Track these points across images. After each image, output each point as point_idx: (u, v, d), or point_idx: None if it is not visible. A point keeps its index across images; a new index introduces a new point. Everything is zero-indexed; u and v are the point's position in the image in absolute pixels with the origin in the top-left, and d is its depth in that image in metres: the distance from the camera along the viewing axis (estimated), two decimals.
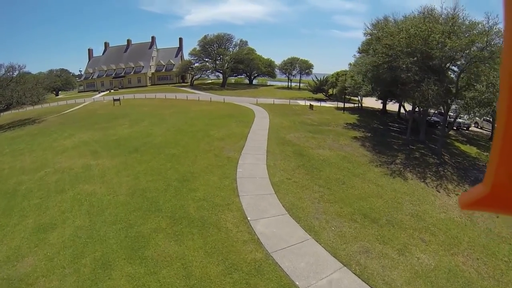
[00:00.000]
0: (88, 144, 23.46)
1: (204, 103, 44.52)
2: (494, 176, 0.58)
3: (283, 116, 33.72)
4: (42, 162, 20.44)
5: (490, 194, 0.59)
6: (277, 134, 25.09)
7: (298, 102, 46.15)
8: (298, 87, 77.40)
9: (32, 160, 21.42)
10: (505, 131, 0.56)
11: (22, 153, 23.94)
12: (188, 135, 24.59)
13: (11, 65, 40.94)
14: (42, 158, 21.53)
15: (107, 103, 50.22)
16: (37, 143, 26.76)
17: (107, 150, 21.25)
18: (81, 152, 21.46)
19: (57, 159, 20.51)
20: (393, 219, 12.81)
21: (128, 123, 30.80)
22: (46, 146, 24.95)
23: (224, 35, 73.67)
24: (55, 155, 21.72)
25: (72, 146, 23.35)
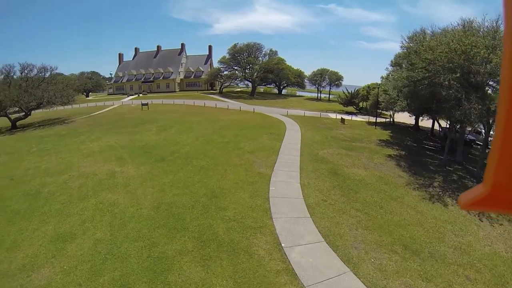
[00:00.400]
0: (114, 149, 23.51)
1: (233, 112, 44.29)
2: (494, 176, 0.60)
3: (315, 130, 32.86)
4: (67, 165, 20.57)
5: (490, 194, 0.61)
6: (309, 150, 24.27)
7: (329, 115, 45.52)
8: (328, 98, 77.12)
9: (57, 162, 21.65)
10: (504, 131, 0.57)
11: (49, 154, 24.39)
12: (217, 146, 24.08)
13: (43, 66, 42.98)
14: (67, 160, 21.72)
15: (135, 107, 51.35)
16: (64, 144, 27.31)
17: (132, 157, 21.09)
18: (107, 157, 21.44)
19: (82, 163, 20.57)
20: (435, 252, 11.70)
21: (155, 129, 30.89)
22: (73, 148, 25.32)
23: (254, 44, 74.48)
24: (80, 158, 21.86)
25: (98, 150, 23.49)
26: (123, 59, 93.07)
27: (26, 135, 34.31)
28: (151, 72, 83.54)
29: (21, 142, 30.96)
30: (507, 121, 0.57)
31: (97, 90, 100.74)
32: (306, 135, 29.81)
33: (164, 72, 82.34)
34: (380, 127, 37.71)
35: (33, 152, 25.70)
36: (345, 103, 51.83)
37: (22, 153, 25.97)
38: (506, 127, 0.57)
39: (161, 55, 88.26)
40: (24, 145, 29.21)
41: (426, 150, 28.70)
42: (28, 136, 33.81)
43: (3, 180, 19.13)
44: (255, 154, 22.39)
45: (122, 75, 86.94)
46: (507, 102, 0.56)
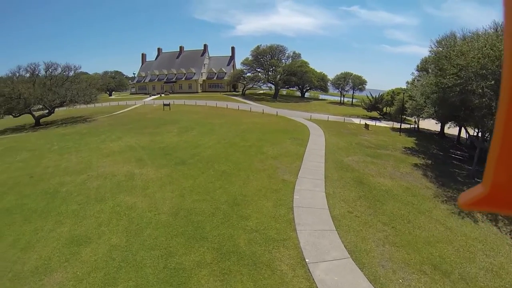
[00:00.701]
0: (134, 150, 23.52)
1: (256, 115, 43.87)
2: (493, 176, 0.61)
3: (339, 136, 32.18)
4: (87, 164, 20.67)
5: (489, 194, 0.62)
6: (334, 157, 23.67)
7: (352, 120, 44.84)
8: (351, 103, 76.73)
9: (77, 161, 21.85)
10: (504, 131, 0.59)
11: (69, 152, 24.73)
12: (239, 150, 23.62)
13: (67, 65, 44.34)
14: (87, 159, 21.87)
15: (157, 107, 51.97)
16: (84, 142, 27.70)
17: (152, 158, 20.95)
18: (126, 158, 21.41)
19: (101, 163, 20.62)
20: (466, 274, 10.96)
21: (176, 131, 30.86)
22: (93, 147, 25.59)
23: (277, 46, 74.54)
24: (100, 158, 21.96)
25: (118, 150, 23.56)
26: (146, 59, 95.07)
27: (48, 133, 35.23)
28: (174, 72, 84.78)
29: (43, 139, 31.73)
30: (506, 121, 0.58)
31: (120, 89, 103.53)
32: (330, 140, 29.29)
33: (187, 73, 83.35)
34: (404, 133, 37.17)
35: (54, 150, 26.17)
36: (369, 108, 51.80)
37: (43, 150, 26.52)
38: (506, 127, 0.58)
39: (184, 55, 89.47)
40: (45, 142, 29.89)
41: (453, 160, 28.01)
42: (50, 133, 34.70)
43: (22, 178, 19.43)
44: (279, 159, 21.81)
45: (145, 75, 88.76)
46: (506, 102, 0.57)
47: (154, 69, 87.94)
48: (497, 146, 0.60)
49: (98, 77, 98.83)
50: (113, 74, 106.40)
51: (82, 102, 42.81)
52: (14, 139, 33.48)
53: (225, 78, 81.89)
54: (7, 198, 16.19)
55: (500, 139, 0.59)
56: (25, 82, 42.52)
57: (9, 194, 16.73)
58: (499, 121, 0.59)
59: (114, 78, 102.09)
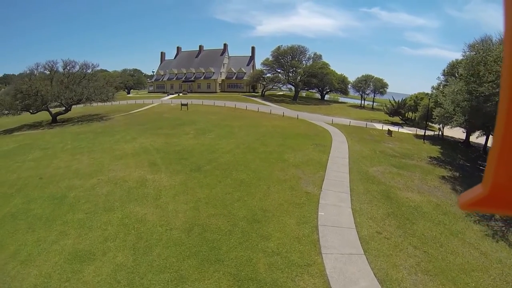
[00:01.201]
0: (148, 152, 22.67)
1: (276, 118, 42.55)
2: (493, 177, 0.61)
3: (362, 143, 30.69)
4: (98, 167, 19.92)
5: (489, 194, 0.62)
6: (358, 166, 22.36)
7: (374, 126, 43.22)
8: (371, 106, 75.31)
9: (89, 162, 21.16)
10: (504, 132, 0.59)
11: (82, 152, 24.17)
12: (259, 156, 22.38)
13: (85, 63, 44.29)
14: (99, 161, 21.15)
15: (174, 106, 51.44)
16: (98, 142, 27.14)
17: (167, 163, 19.97)
18: (139, 161, 20.54)
19: (113, 166, 19.82)
20: None
21: (193, 132, 29.93)
22: (106, 147, 24.94)
23: (298, 47, 73.10)
24: (112, 160, 21.20)
25: (131, 152, 22.77)
26: (165, 58, 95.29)
27: (63, 131, 35.07)
28: (192, 71, 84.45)
29: (57, 137, 31.49)
30: (507, 122, 0.58)
31: (138, 87, 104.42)
32: (353, 148, 27.97)
33: (206, 72, 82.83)
34: (428, 141, 35.60)
35: (66, 150, 25.72)
36: (391, 113, 50.73)
37: (56, 149, 26.12)
38: (506, 128, 0.59)
39: (203, 54, 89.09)
40: (59, 141, 29.59)
41: (481, 172, 26.20)
42: (65, 131, 34.51)
43: (32, 179, 18.87)
44: (301, 168, 20.48)
45: (163, 73, 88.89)
46: (506, 102, 0.58)
47: (173, 68, 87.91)
48: (497, 146, 0.60)
49: (117, 74, 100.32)
50: (132, 72, 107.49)
51: (98, 100, 42.69)
52: (30, 136, 33.46)
53: (245, 78, 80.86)
54: (13, 202, 15.55)
55: (500, 139, 0.60)
56: (43, 79, 42.84)
57: (16, 197, 16.10)
58: (499, 122, 0.59)
59: (133, 76, 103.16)
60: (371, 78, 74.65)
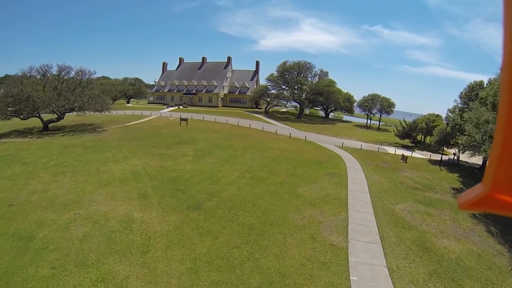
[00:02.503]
0: (138, 178, 19.54)
1: (282, 139, 39.59)
2: (494, 176, 0.62)
3: (379, 171, 27.96)
4: (79, 195, 16.78)
5: (489, 194, 0.63)
6: (382, 204, 19.65)
7: (386, 150, 40.43)
8: (378, 126, 73.03)
9: (69, 187, 18.03)
10: (505, 132, 0.60)
11: (64, 172, 21.08)
12: (268, 189, 19.31)
13: (81, 69, 41.43)
14: (81, 187, 18.02)
15: (173, 120, 48.46)
16: (85, 160, 24.06)
17: (160, 195, 16.82)
18: (127, 191, 17.38)
19: (96, 195, 16.68)
20: None
21: (192, 154, 26.86)
22: (93, 168, 21.85)
23: (305, 63, 70.42)
24: (96, 186, 18.08)
25: (119, 177, 19.64)
26: (167, 68, 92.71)
27: (52, 141, 31.92)
28: (194, 84, 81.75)
29: (43, 149, 28.42)
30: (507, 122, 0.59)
31: (139, 97, 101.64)
32: (371, 178, 25.20)
33: (208, 85, 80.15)
34: (444, 167, 33.18)
35: (49, 167, 22.65)
36: (402, 136, 48.10)
37: (38, 166, 23.11)
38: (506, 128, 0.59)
39: (206, 67, 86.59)
40: (44, 154, 26.55)
41: None
42: (53, 142, 31.39)
43: (1, 205, 15.79)
44: (319, 207, 17.50)
45: (164, 84, 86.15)
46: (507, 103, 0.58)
47: (174, 79, 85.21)
48: (497, 146, 0.60)
49: (117, 82, 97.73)
50: (133, 81, 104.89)
51: (92, 110, 39.58)
52: (15, 146, 30.33)
53: (248, 94, 78.11)
54: None
55: (500, 140, 0.60)
56: (35, 84, 39.95)
57: None
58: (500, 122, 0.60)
59: (133, 85, 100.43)
60: (378, 98, 72.72)
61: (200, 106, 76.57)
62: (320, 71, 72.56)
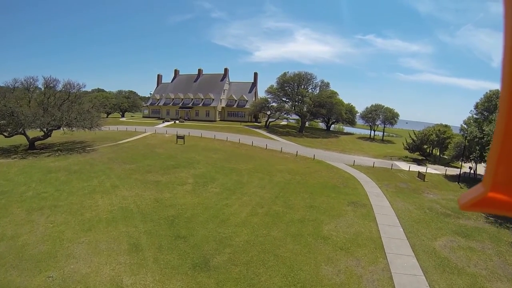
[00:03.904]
0: (129, 218, 16.20)
1: (289, 159, 36.42)
2: (494, 177, 0.62)
3: (401, 195, 25.20)
4: (54, 245, 13.46)
5: (489, 194, 0.63)
6: (420, 241, 16.98)
7: (399, 166, 37.49)
8: (382, 138, 70.51)
9: (44, 233, 14.68)
10: (505, 133, 0.60)
11: (42, 208, 17.79)
12: (289, 230, 16.10)
13: (69, 82, 38.12)
14: (58, 232, 14.68)
15: (169, 138, 45.13)
16: (68, 190, 20.74)
17: (156, 246, 13.46)
18: (115, 239, 14.02)
19: (75, 246, 13.33)
20: None
21: (192, 181, 23.58)
22: (76, 202, 18.52)
23: (305, 74, 67.45)
24: (77, 231, 14.73)
25: (106, 217, 16.29)
26: (162, 81, 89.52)
27: (34, 164, 28.46)
28: (190, 97, 78.53)
29: (23, 174, 25.06)
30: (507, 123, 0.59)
31: (133, 110, 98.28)
32: (396, 205, 22.51)
33: (205, 99, 76.98)
34: (463, 183, 30.93)
35: (26, 199, 19.38)
36: (412, 149, 45.51)
37: (13, 197, 19.95)
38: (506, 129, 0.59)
39: (202, 79, 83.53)
40: (23, 181, 23.25)
41: None
42: (36, 165, 27.94)
43: None
44: (353, 253, 14.60)
45: (159, 97, 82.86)
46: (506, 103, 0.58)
47: (170, 92, 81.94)
48: (497, 147, 0.61)
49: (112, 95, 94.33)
50: (128, 94, 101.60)
51: (80, 127, 36.12)
52: None
53: (247, 107, 75.06)
54: None
55: (500, 140, 0.60)
56: (20, 98, 36.60)
57: None
58: (499, 123, 0.60)
59: (128, 98, 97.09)
60: (381, 108, 70.54)
61: (197, 121, 73.47)
62: (321, 82, 70.08)
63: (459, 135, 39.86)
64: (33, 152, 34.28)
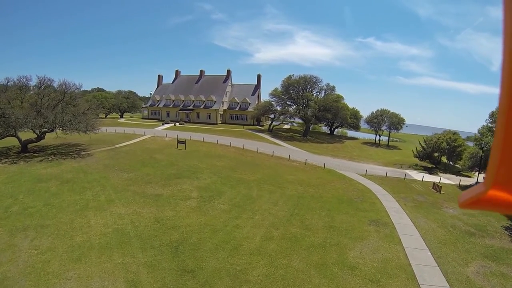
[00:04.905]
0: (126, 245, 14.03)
1: (298, 168, 34.28)
2: (495, 176, 0.62)
3: (420, 210, 23.37)
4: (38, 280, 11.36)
5: (490, 193, 0.63)
6: (451, 267, 15.18)
7: (412, 176, 35.59)
8: (387, 143, 69.04)
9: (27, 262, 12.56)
10: (505, 132, 0.60)
11: (27, 228, 15.69)
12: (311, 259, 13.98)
13: (64, 82, 35.91)
14: (43, 262, 12.51)
15: (169, 142, 42.90)
16: (58, 205, 18.63)
17: (159, 283, 11.18)
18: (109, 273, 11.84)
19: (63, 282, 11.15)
20: None
21: (196, 195, 21.42)
22: (65, 221, 16.37)
23: (311, 77, 65.68)
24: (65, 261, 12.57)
25: (99, 242, 14.11)
26: (163, 81, 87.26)
27: (24, 171, 26.27)
28: (192, 99, 76.28)
29: (11, 184, 22.94)
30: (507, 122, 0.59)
31: (132, 111, 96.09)
32: (418, 223, 20.63)
33: (206, 101, 74.76)
34: None
35: (10, 215, 17.34)
36: (422, 157, 44.06)
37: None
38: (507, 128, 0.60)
39: (204, 80, 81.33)
40: (11, 192, 21.15)
41: None
42: (26, 172, 25.77)
43: None
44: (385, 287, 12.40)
45: (159, 98, 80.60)
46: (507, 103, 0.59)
47: (170, 94, 79.69)
48: (498, 146, 0.61)
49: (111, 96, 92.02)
50: (127, 94, 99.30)
51: (74, 130, 33.86)
52: None
53: (249, 110, 72.99)
54: None
55: (501, 139, 0.60)
56: (12, 98, 34.39)
57: None
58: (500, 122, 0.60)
59: (127, 98, 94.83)
60: (387, 113, 69.10)
61: (198, 123, 71.32)
62: (326, 86, 68.23)
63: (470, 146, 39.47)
64: (25, 156, 32.12)
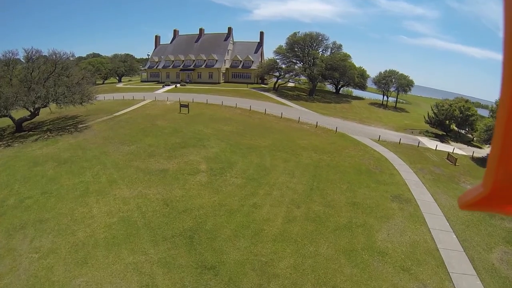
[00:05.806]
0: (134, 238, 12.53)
1: (309, 131, 32.19)
2: (494, 176, 0.62)
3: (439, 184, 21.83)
4: None
5: (489, 194, 0.63)
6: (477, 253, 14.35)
7: (425, 144, 33.65)
8: (394, 105, 66.53)
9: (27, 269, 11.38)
10: (505, 132, 0.60)
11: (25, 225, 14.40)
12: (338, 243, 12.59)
13: (54, 52, 33.07)
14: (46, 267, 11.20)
15: (171, 106, 40.61)
16: (56, 192, 17.14)
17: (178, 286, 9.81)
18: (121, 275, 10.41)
19: None
20: None
21: (205, 167, 19.71)
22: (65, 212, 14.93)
23: (317, 34, 62.09)
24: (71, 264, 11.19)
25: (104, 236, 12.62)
26: (160, 42, 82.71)
27: (20, 153, 24.67)
28: (192, 58, 72.53)
29: (7, 170, 21.58)
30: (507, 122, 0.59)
31: (131, 74, 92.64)
32: (440, 200, 19.39)
33: (207, 60, 71.03)
34: None
35: (6, 211, 16.16)
36: (434, 124, 42.20)
37: None
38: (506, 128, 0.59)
39: (204, 39, 76.78)
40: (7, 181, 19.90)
41: None
42: (22, 155, 24.18)
43: None
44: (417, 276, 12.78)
45: (158, 60, 76.82)
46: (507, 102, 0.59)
47: (169, 54, 75.68)
48: (497, 146, 0.61)
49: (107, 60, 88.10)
50: (124, 57, 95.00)
51: (70, 103, 31.66)
52: None
53: (252, 68, 69.57)
54: None
55: (500, 139, 0.60)
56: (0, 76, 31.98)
57: None
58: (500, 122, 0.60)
59: (124, 62, 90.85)
60: (395, 74, 65.21)
61: (200, 83, 68.37)
62: (333, 44, 64.46)
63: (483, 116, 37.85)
64: (20, 136, 30.34)
